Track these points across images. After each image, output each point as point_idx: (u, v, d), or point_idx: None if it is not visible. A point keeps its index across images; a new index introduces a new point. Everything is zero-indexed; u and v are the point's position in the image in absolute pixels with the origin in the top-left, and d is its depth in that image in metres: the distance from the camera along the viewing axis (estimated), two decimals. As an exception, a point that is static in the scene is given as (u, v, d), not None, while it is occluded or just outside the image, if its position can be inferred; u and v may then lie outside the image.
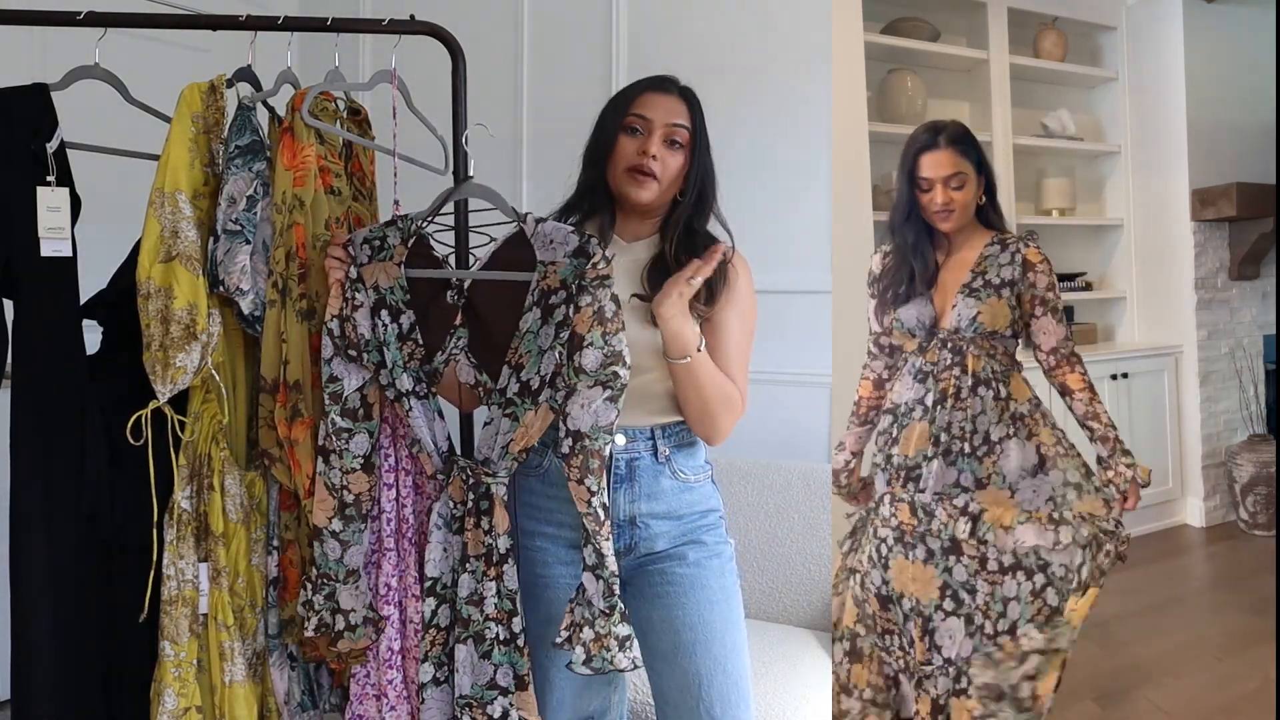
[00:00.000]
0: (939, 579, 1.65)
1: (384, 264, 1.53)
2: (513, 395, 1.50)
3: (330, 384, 1.53)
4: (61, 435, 1.58)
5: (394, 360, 1.53)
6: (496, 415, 1.52)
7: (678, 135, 1.60)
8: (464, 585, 1.50)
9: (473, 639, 1.49)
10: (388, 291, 1.53)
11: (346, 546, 1.55)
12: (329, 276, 1.54)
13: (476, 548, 1.50)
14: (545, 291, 1.49)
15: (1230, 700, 2.33)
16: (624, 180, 1.61)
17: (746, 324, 1.66)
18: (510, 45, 3.36)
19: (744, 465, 2.66)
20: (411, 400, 1.53)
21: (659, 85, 1.64)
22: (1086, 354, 3.55)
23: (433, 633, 1.54)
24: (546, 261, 1.50)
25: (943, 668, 1.64)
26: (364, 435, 1.55)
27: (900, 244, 1.82)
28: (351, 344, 1.53)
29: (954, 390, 1.69)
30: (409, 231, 1.54)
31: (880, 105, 3.32)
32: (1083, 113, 3.86)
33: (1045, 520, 1.63)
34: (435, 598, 1.54)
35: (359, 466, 1.55)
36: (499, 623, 1.49)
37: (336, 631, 1.55)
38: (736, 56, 3.00)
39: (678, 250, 1.60)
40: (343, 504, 1.54)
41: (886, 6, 3.31)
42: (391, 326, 1.53)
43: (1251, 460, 3.56)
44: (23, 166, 1.55)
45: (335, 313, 1.53)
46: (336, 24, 1.65)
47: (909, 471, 1.71)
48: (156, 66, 2.05)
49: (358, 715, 1.60)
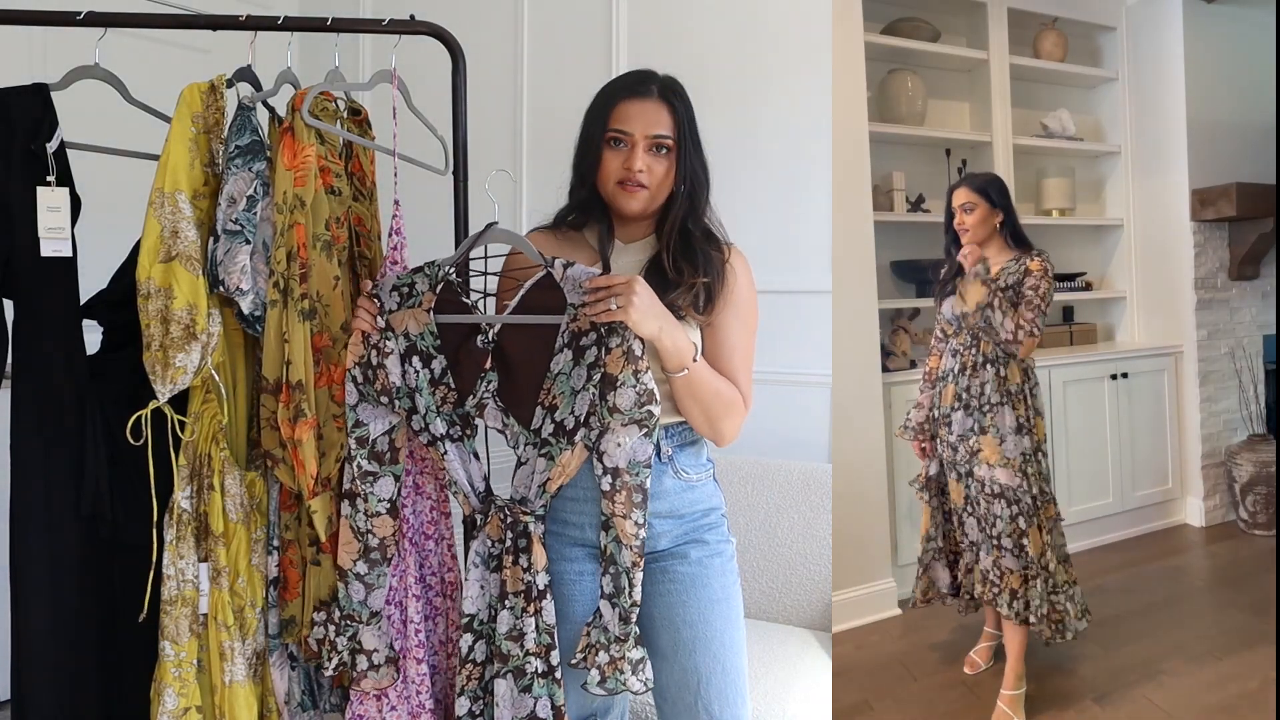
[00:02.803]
0: (964, 492, 2.33)
1: (413, 310, 1.54)
2: (548, 436, 1.51)
3: (356, 429, 1.54)
4: (61, 435, 1.58)
5: (427, 405, 1.54)
6: (532, 456, 1.53)
7: (661, 144, 1.58)
8: (503, 621, 1.51)
9: (513, 674, 1.50)
10: (418, 338, 1.54)
11: (370, 589, 1.56)
12: (353, 324, 1.54)
13: (515, 585, 1.51)
14: (576, 334, 1.50)
15: (1230, 700, 2.33)
16: (614, 193, 1.60)
17: (747, 324, 1.65)
18: (510, 45, 3.36)
19: (744, 465, 2.65)
20: (446, 444, 1.54)
21: (636, 91, 1.59)
22: (1086, 354, 3.58)
23: (469, 667, 1.54)
24: (576, 305, 1.50)
25: (969, 547, 2.35)
26: (389, 479, 1.56)
27: (946, 255, 2.41)
28: (384, 390, 1.53)
29: (970, 364, 2.30)
30: (437, 278, 1.54)
31: (880, 105, 3.32)
32: (1083, 113, 3.86)
33: (1015, 468, 2.24)
34: (473, 634, 1.54)
35: (384, 510, 1.55)
36: (538, 657, 1.50)
37: (360, 671, 1.56)
38: (736, 56, 3.00)
39: (674, 252, 1.59)
40: (367, 548, 1.55)
41: (886, 6, 3.31)
42: (424, 372, 1.54)
43: (1251, 460, 3.56)
44: (23, 166, 1.55)
45: (357, 360, 1.54)
46: (336, 24, 1.65)
47: (945, 418, 2.36)
48: (156, 66, 2.05)
49: (358, 715, 1.61)
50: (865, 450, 2.83)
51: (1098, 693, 2.38)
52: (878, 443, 2.86)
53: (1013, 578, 2.24)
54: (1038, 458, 2.27)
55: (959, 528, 2.38)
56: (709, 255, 1.60)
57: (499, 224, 1.56)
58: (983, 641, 2.55)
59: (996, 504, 2.25)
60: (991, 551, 2.27)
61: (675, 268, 1.57)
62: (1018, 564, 2.23)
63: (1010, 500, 2.23)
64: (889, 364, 3.07)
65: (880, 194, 3.21)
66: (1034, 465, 2.25)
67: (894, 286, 3.34)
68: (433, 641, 1.66)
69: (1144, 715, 2.28)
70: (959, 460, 2.32)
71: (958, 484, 2.35)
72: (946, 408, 2.35)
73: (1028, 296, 2.23)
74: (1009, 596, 2.24)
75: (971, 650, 2.55)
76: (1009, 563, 2.24)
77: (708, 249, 1.60)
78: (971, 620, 2.59)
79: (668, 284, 1.56)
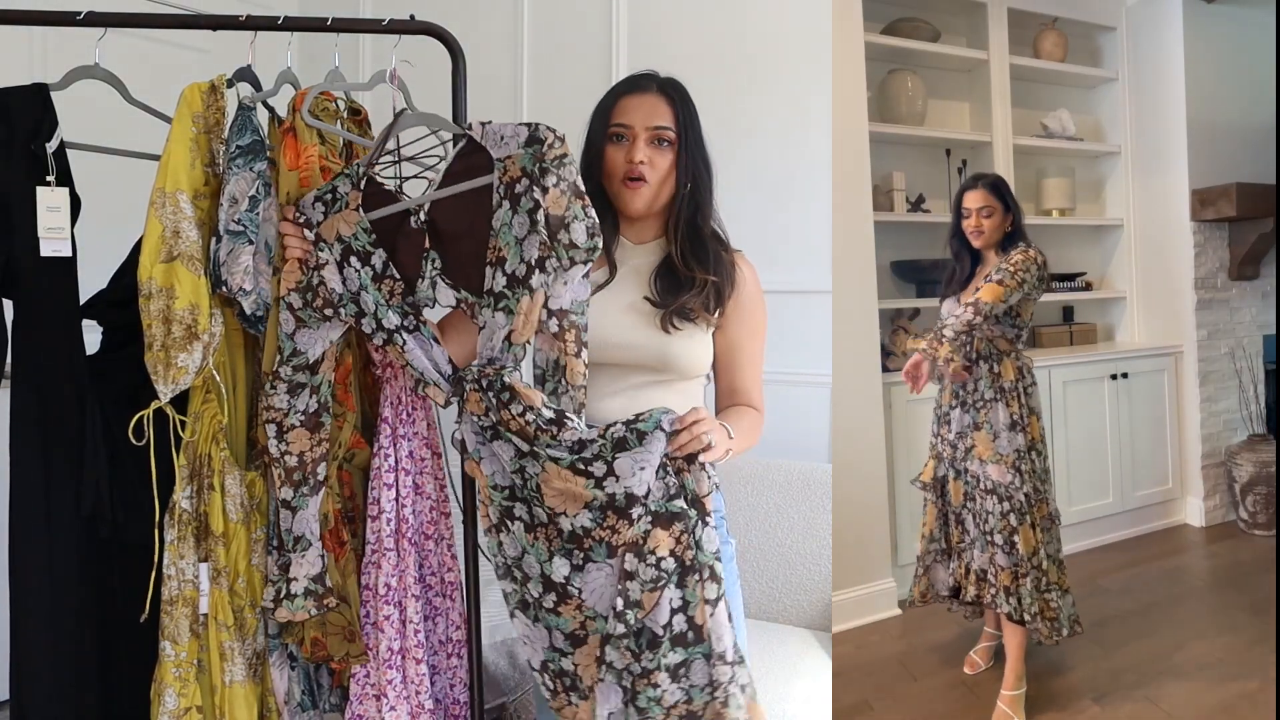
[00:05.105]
0: (962, 489, 2.36)
1: (342, 214, 1.54)
2: (502, 289, 1.51)
3: (294, 357, 1.54)
4: (61, 435, 1.58)
5: (376, 301, 1.53)
6: (488, 315, 1.52)
7: (662, 135, 1.59)
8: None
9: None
10: (351, 239, 1.54)
11: (295, 514, 1.56)
12: (287, 254, 1.54)
13: (519, 426, 1.48)
14: (509, 183, 1.50)
15: (1230, 700, 2.33)
16: (619, 191, 1.61)
17: (757, 334, 1.66)
18: (510, 45, 3.36)
19: (744, 465, 2.65)
20: (403, 335, 1.54)
21: (636, 86, 1.62)
22: (1086, 354, 3.58)
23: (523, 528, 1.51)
24: (502, 157, 1.51)
25: (968, 545, 2.37)
26: (309, 392, 1.55)
27: (950, 256, 2.46)
28: (327, 303, 1.53)
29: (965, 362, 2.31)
30: (358, 175, 1.54)
31: (880, 105, 3.32)
32: (1083, 113, 3.86)
33: (1008, 465, 2.25)
34: (508, 496, 1.51)
35: (299, 423, 1.55)
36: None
37: (276, 599, 1.56)
38: (737, 56, 3.00)
39: (684, 249, 1.59)
40: (288, 469, 1.55)
41: (886, 6, 3.31)
42: (364, 271, 1.54)
43: (1251, 460, 3.56)
44: (23, 166, 1.55)
45: (292, 286, 1.54)
46: (336, 24, 1.65)
47: (944, 416, 2.40)
48: (156, 66, 2.05)
49: (358, 715, 1.61)
50: (865, 450, 2.84)
51: (1097, 693, 2.38)
52: (878, 443, 2.86)
53: (1004, 575, 2.25)
54: (1032, 456, 2.28)
55: (957, 526, 2.39)
56: (718, 254, 1.61)
57: (409, 111, 1.59)
58: (983, 641, 2.55)
59: (989, 500, 2.27)
60: (987, 549, 2.29)
61: (685, 265, 1.58)
62: (1009, 561, 2.25)
63: (1002, 497, 2.25)
64: (889, 364, 3.07)
65: (880, 194, 3.21)
66: (1028, 463, 2.26)
67: (894, 286, 3.34)
68: (432, 641, 1.65)
69: (1144, 715, 2.28)
70: (957, 457, 2.35)
71: (956, 481, 2.37)
72: (946, 406, 2.38)
73: (1003, 268, 2.23)
74: (1003, 595, 2.25)
75: (971, 650, 2.55)
76: (1001, 560, 2.25)
77: (717, 248, 1.61)
78: (972, 621, 2.59)
79: (679, 285, 1.57)
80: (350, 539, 1.63)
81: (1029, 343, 3.55)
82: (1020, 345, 2.32)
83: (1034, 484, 2.26)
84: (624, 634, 1.44)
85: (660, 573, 1.43)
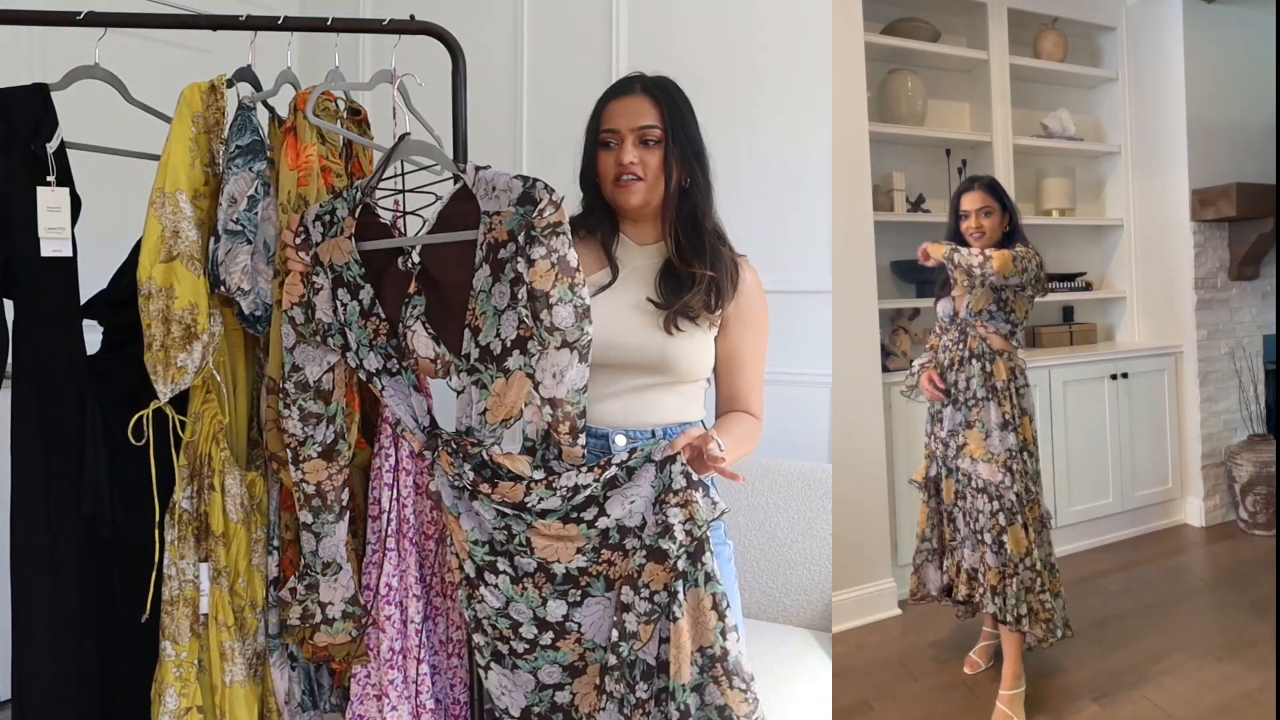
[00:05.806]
0: (953, 488, 2.37)
1: (336, 240, 1.50)
2: (475, 362, 1.45)
3: (294, 373, 1.52)
4: (61, 435, 1.58)
5: (358, 340, 1.50)
6: (465, 382, 1.48)
7: (649, 135, 1.58)
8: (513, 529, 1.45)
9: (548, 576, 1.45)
10: (344, 268, 1.50)
11: (319, 539, 1.55)
12: (289, 266, 1.52)
13: (513, 496, 1.44)
14: (493, 245, 1.43)
15: (1230, 700, 2.33)
16: (614, 192, 1.60)
17: (760, 340, 1.66)
18: (510, 45, 3.36)
19: (744, 465, 2.64)
20: (383, 379, 1.51)
21: (621, 90, 1.62)
22: (1086, 354, 3.57)
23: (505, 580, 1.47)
24: (491, 212, 1.43)
25: (959, 544, 2.38)
26: (325, 423, 1.53)
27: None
28: (317, 330, 1.50)
29: (958, 359, 2.33)
30: (354, 201, 1.51)
31: (880, 105, 3.32)
32: (1083, 113, 3.86)
33: (999, 464, 2.25)
34: (489, 551, 1.46)
35: (315, 454, 1.53)
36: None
37: (313, 624, 1.55)
38: (736, 56, 3.00)
39: (682, 244, 1.59)
40: (306, 496, 1.54)
41: (886, 6, 3.31)
42: (352, 304, 1.51)
43: (1251, 460, 3.56)
44: (23, 166, 1.55)
45: (296, 300, 1.51)
46: (336, 24, 1.65)
47: (937, 415, 2.41)
48: (156, 66, 2.05)
49: (358, 715, 1.61)
50: (865, 450, 2.83)
51: (1097, 693, 2.38)
52: (878, 443, 2.86)
53: (991, 574, 2.26)
54: (1023, 457, 2.28)
55: (949, 525, 2.40)
56: (716, 250, 1.60)
57: (411, 135, 1.55)
58: (982, 641, 2.55)
59: (979, 499, 2.27)
60: (977, 548, 2.30)
61: (683, 260, 1.57)
62: (997, 561, 2.25)
63: (992, 496, 2.25)
64: (889, 364, 3.07)
65: (880, 194, 3.21)
66: (1019, 463, 2.26)
67: (894, 286, 3.34)
68: (433, 641, 1.65)
69: (1144, 715, 2.28)
70: (948, 456, 2.35)
71: (948, 479, 2.37)
72: (939, 404, 2.39)
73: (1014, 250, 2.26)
74: (990, 594, 2.26)
75: (971, 650, 2.55)
76: (989, 559, 2.26)
77: (716, 244, 1.61)
78: (971, 620, 2.59)
79: (681, 285, 1.57)
80: (351, 539, 1.63)
81: (1029, 343, 3.57)
82: (1015, 345, 2.32)
83: (1025, 484, 2.26)
84: (616, 665, 1.42)
85: (654, 606, 1.41)
